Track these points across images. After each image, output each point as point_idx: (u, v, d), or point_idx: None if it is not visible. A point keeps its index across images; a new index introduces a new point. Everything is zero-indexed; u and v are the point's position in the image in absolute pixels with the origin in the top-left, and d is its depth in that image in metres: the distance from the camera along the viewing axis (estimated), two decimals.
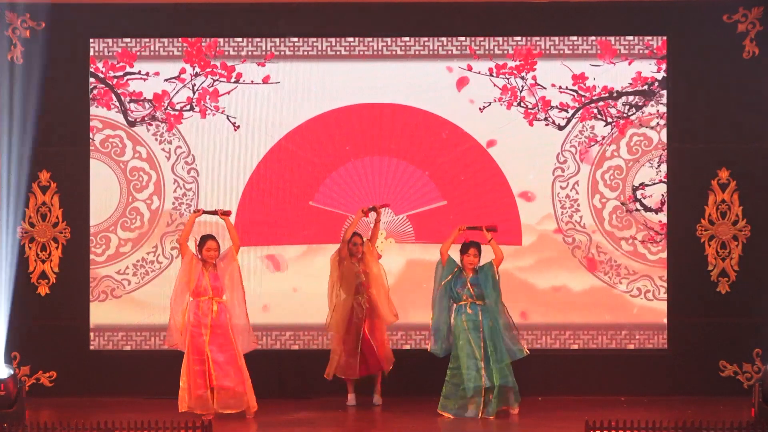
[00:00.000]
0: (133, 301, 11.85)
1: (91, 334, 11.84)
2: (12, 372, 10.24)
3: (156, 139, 11.87)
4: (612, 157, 11.88)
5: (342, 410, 11.02)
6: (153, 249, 11.87)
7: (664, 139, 11.84)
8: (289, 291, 11.84)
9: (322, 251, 11.75)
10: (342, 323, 11.06)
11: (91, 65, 11.80)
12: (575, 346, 11.86)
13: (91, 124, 11.86)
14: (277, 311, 11.79)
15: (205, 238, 10.61)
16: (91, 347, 11.83)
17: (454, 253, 10.78)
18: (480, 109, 11.86)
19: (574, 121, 11.86)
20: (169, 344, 10.56)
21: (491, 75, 11.86)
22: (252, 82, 11.88)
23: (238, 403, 10.42)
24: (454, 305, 10.66)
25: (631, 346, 11.84)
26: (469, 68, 11.86)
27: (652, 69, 11.85)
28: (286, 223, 11.86)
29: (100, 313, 11.83)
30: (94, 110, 11.84)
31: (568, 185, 11.87)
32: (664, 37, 11.77)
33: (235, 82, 11.89)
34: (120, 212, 11.87)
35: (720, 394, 11.55)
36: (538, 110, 11.88)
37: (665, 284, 11.82)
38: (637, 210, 11.85)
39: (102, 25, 11.73)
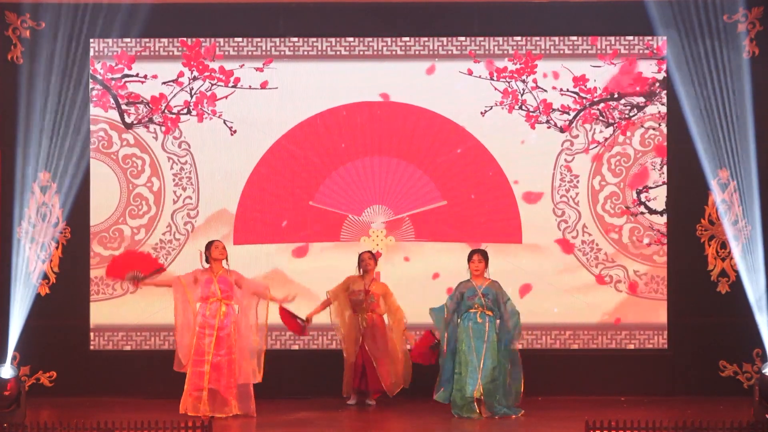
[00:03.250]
0: (134, 301, 11.84)
1: (91, 334, 11.84)
2: (16, 372, 10.24)
3: (135, 118, 11.86)
4: (624, 144, 11.87)
5: (342, 410, 11.02)
6: (167, 228, 11.86)
7: (665, 139, 11.84)
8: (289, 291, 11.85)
9: (321, 251, 11.75)
10: (347, 339, 11.14)
11: (90, 66, 11.80)
12: (575, 346, 11.86)
13: (90, 123, 11.87)
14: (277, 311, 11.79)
15: (211, 242, 10.68)
16: (91, 347, 11.83)
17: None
18: (482, 113, 11.85)
19: (576, 123, 11.86)
20: (178, 368, 10.57)
21: (492, 79, 11.86)
22: (250, 87, 11.87)
23: (226, 408, 10.44)
24: (464, 313, 10.58)
25: (631, 346, 11.84)
26: (470, 72, 11.85)
27: (653, 69, 11.85)
28: (286, 222, 11.86)
29: (100, 313, 11.83)
30: (93, 111, 11.84)
31: (571, 170, 11.88)
32: (664, 37, 11.77)
33: (233, 87, 11.88)
34: (125, 202, 11.87)
35: (720, 394, 11.55)
36: (540, 113, 11.88)
37: (665, 284, 11.82)
38: (641, 213, 11.84)
39: (102, 25, 11.72)
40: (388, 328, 11.18)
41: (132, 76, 11.88)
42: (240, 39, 11.89)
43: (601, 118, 11.87)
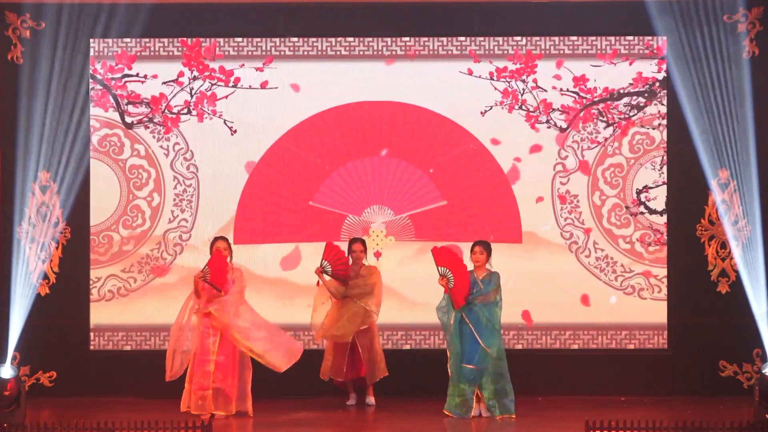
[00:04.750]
0: (134, 301, 11.84)
1: (91, 334, 11.84)
2: (16, 372, 10.24)
3: (154, 137, 11.87)
4: (613, 155, 11.88)
5: (342, 410, 11.03)
6: (156, 246, 11.87)
7: (665, 139, 11.84)
8: (289, 291, 11.86)
9: (321, 250, 11.74)
10: (328, 323, 11.08)
11: (90, 66, 11.80)
12: (575, 346, 11.86)
13: (90, 123, 11.86)
14: (277, 311, 11.79)
15: (215, 239, 10.68)
16: (91, 347, 11.83)
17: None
18: (482, 113, 11.85)
19: (576, 123, 11.86)
20: (170, 377, 10.55)
21: (492, 79, 11.86)
22: (250, 86, 11.88)
23: (229, 405, 10.46)
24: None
25: (631, 346, 11.84)
26: (470, 72, 11.85)
27: (652, 69, 11.85)
28: (286, 222, 11.86)
29: (100, 313, 11.83)
30: (93, 111, 11.85)
31: (569, 180, 11.87)
32: (664, 37, 11.77)
33: (233, 87, 11.88)
34: (121, 211, 11.87)
35: (720, 394, 11.55)
36: (540, 113, 11.88)
37: (665, 284, 11.82)
38: (641, 213, 11.84)
39: (102, 25, 11.72)
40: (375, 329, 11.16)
41: (132, 76, 11.88)
42: (240, 39, 11.89)
43: (601, 118, 11.86)
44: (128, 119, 11.89)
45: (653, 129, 11.84)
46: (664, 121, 11.84)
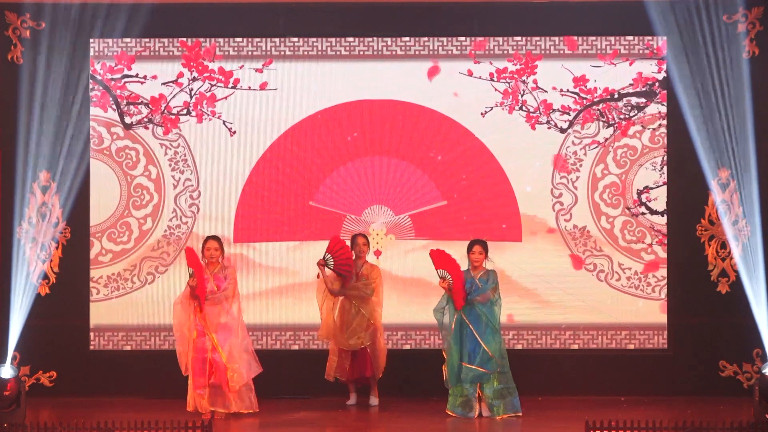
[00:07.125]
0: (134, 301, 11.84)
1: (91, 334, 11.84)
2: (16, 372, 10.24)
3: (170, 165, 11.85)
4: (603, 177, 11.86)
5: (342, 410, 11.03)
6: (131, 268, 11.84)
7: (647, 143, 11.82)
8: (289, 291, 11.86)
9: (322, 250, 11.75)
10: (334, 326, 11.07)
11: (90, 66, 11.79)
12: (575, 346, 11.86)
13: (113, 130, 11.86)
14: (277, 311, 11.80)
15: (206, 239, 10.66)
16: (91, 347, 11.83)
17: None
18: (482, 114, 11.85)
19: (576, 123, 11.85)
20: (186, 373, 10.58)
21: (492, 80, 11.85)
22: (249, 88, 11.87)
23: (227, 404, 10.47)
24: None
25: (631, 346, 11.84)
26: (470, 73, 11.85)
27: (652, 69, 11.85)
28: (286, 222, 11.86)
29: (100, 313, 11.82)
30: (93, 111, 11.84)
31: (572, 217, 11.85)
32: (664, 37, 11.77)
33: (232, 88, 11.87)
34: (111, 222, 11.85)
35: (720, 394, 11.55)
36: (540, 114, 11.87)
37: (665, 284, 11.82)
38: (642, 214, 11.83)
39: (102, 25, 11.72)
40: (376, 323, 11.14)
41: (132, 76, 11.88)
42: (240, 39, 11.89)
43: (601, 118, 11.86)
44: (128, 120, 11.89)
45: (632, 139, 11.82)
46: (640, 126, 11.82)
